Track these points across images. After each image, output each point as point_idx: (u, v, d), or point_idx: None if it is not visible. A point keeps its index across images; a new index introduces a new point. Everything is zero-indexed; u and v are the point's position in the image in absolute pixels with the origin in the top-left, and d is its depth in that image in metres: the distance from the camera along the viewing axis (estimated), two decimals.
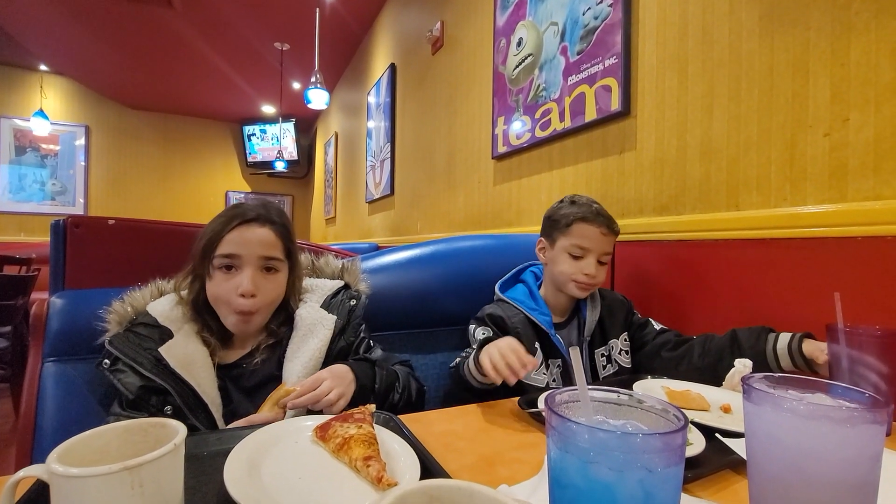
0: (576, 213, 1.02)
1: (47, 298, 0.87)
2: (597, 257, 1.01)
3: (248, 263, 0.76)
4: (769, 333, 0.88)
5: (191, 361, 0.74)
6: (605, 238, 1.01)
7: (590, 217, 1.01)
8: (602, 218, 1.01)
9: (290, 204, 7.52)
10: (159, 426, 0.41)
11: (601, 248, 1.01)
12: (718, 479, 0.54)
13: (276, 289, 0.80)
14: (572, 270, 1.01)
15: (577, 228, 1.01)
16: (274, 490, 0.46)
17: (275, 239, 0.79)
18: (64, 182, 6.00)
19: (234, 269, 0.76)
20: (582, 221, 1.01)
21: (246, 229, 0.77)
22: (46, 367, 0.83)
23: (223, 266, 0.76)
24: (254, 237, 0.77)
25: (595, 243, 1.00)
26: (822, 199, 0.90)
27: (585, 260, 1.00)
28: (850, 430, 0.34)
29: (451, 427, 0.70)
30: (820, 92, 0.91)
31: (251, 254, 0.76)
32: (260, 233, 0.78)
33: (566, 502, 0.31)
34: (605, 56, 1.40)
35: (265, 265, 0.78)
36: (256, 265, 0.77)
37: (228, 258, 0.76)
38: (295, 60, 4.81)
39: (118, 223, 1.06)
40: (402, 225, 3.26)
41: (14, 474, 0.36)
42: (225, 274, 0.76)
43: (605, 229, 1.01)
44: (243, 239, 0.76)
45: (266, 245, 0.78)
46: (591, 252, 1.00)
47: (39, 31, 4.40)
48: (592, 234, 1.00)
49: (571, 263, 1.01)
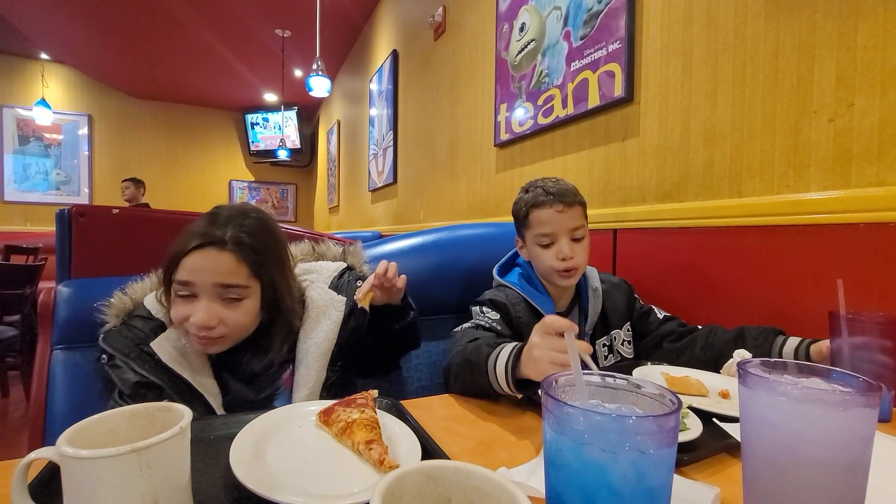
0: (526, 201, 0.96)
1: (54, 287, 0.89)
2: (567, 236, 0.94)
3: (204, 293, 0.69)
4: (778, 335, 0.85)
5: (184, 354, 0.73)
6: (565, 214, 0.93)
7: (539, 201, 0.94)
8: (551, 196, 0.93)
9: (294, 192, 7.53)
10: (166, 410, 0.42)
11: (566, 225, 0.93)
12: (714, 462, 0.55)
13: (242, 317, 0.72)
14: (549, 260, 0.95)
15: (533, 217, 0.96)
16: (278, 472, 0.47)
17: (235, 264, 0.70)
18: (68, 171, 6.03)
19: (192, 296, 0.70)
20: (534, 208, 0.95)
21: (203, 254, 0.69)
22: (55, 354, 0.84)
23: (179, 293, 0.70)
24: (210, 264, 0.69)
25: (556, 225, 0.93)
26: (826, 186, 0.90)
27: (556, 245, 0.94)
28: (843, 414, 0.35)
29: (451, 412, 0.71)
30: (825, 76, 0.90)
31: (205, 282, 0.69)
32: (218, 259, 0.69)
33: (561, 483, 0.32)
34: (608, 41, 1.38)
35: (224, 295, 0.70)
36: (213, 294, 0.69)
37: (183, 286, 0.69)
38: (296, 47, 4.77)
39: (122, 212, 1.06)
40: (405, 213, 3.26)
41: (26, 456, 0.37)
42: (183, 301, 0.70)
43: (560, 205, 0.93)
44: (198, 266, 0.69)
45: (223, 273, 0.69)
46: (557, 235, 0.94)
47: (39, 18, 4.38)
48: (549, 216, 0.93)
49: (545, 254, 0.95)
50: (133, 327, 0.75)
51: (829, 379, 0.41)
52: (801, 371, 0.43)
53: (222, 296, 0.70)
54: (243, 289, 0.71)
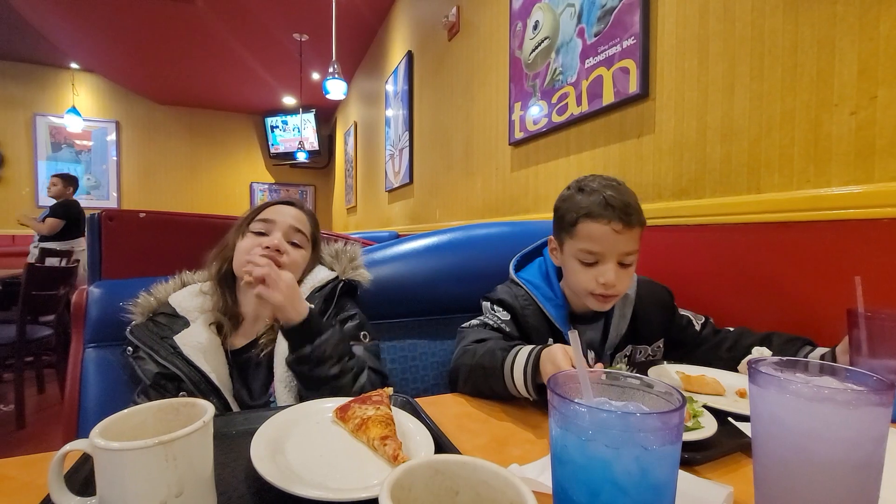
0: (580, 206, 0.80)
1: (86, 288, 0.93)
2: (615, 260, 0.79)
3: (279, 229, 0.87)
4: (806, 345, 0.81)
5: (204, 349, 0.78)
6: (622, 236, 0.78)
7: (596, 212, 0.78)
8: (613, 210, 0.77)
9: (312, 193, 7.64)
10: (190, 405, 0.44)
11: (617, 248, 0.79)
12: (729, 462, 0.55)
13: (299, 259, 0.89)
14: (586, 281, 0.81)
15: (582, 228, 0.80)
16: (297, 466, 0.49)
17: (304, 219, 0.92)
18: (97, 177, 6.25)
19: (265, 234, 0.86)
20: (587, 219, 0.79)
21: (286, 207, 0.91)
22: (87, 352, 0.89)
23: (257, 231, 0.86)
24: (289, 212, 0.90)
25: (608, 245, 0.78)
26: (848, 181, 0.88)
27: (600, 266, 0.80)
28: (854, 412, 0.34)
29: (465, 410, 0.72)
30: (847, 68, 0.87)
31: (283, 222, 0.87)
32: (295, 212, 0.91)
33: (566, 478, 0.32)
34: (623, 37, 1.37)
35: (293, 237, 0.88)
36: (286, 233, 0.87)
37: (263, 222, 0.87)
38: (314, 51, 4.84)
39: (148, 216, 1.11)
40: (422, 213, 3.28)
41: (62, 448, 0.40)
42: (255, 236, 0.86)
43: (620, 224, 0.77)
44: (282, 211, 0.89)
45: (297, 219, 0.90)
46: (605, 256, 0.79)
47: (70, 29, 4.55)
48: (602, 234, 0.78)
49: (584, 272, 0.81)
50: (158, 322, 0.81)
51: (843, 378, 0.40)
52: (815, 370, 0.42)
53: (290, 237, 0.88)
54: (305, 238, 0.90)
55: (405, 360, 1.10)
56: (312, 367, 0.73)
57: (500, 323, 0.89)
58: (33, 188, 5.88)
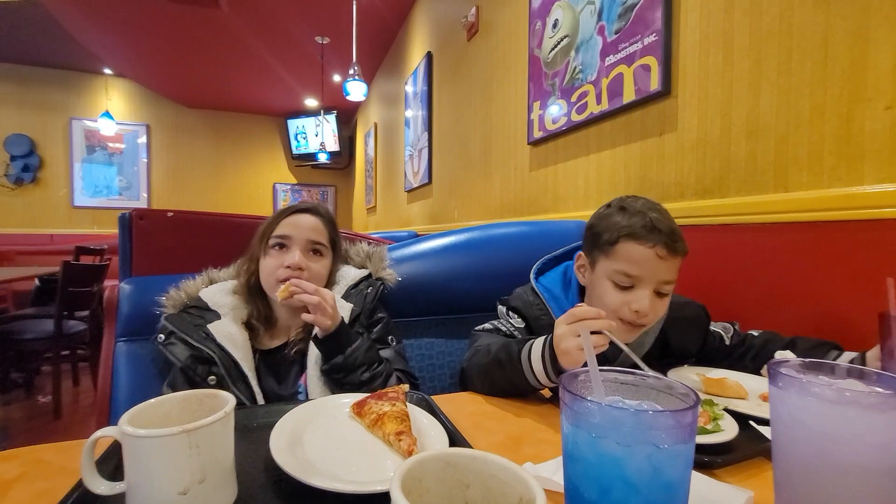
0: (622, 226, 0.76)
1: (117, 285, 0.97)
2: (653, 288, 0.75)
3: (297, 244, 0.87)
4: (832, 349, 0.79)
5: (233, 341, 0.82)
6: (664, 263, 0.74)
7: (640, 234, 0.74)
8: (658, 234, 0.73)
9: (333, 194, 7.75)
10: (212, 396, 0.46)
11: (657, 275, 0.74)
12: (750, 466, 0.54)
13: (321, 269, 0.90)
14: (618, 305, 0.76)
15: (622, 249, 0.75)
16: (314, 458, 0.50)
17: (321, 227, 0.91)
18: (129, 178, 6.49)
19: (285, 248, 0.87)
20: (629, 239, 0.74)
21: (298, 216, 0.91)
22: (119, 346, 0.92)
23: (276, 245, 0.87)
24: (304, 222, 0.90)
25: (648, 269, 0.74)
26: (882, 178, 0.84)
27: (636, 291, 0.75)
28: (880, 416, 0.33)
29: (481, 408, 0.72)
30: (882, 60, 0.84)
31: (301, 236, 0.88)
32: (309, 219, 0.91)
33: (578, 475, 0.32)
34: (644, 34, 1.35)
35: (312, 248, 0.89)
36: (304, 247, 0.88)
37: (281, 238, 0.88)
38: (335, 53, 4.91)
39: (176, 215, 1.14)
40: (441, 213, 3.29)
41: (92, 434, 0.42)
42: (277, 252, 0.87)
43: (664, 250, 0.73)
44: (295, 223, 0.89)
45: (314, 230, 0.90)
46: (642, 281, 0.75)
47: (103, 36, 4.74)
48: (644, 257, 0.74)
49: (617, 295, 0.76)
50: (191, 314, 0.85)
51: (871, 381, 0.39)
52: (842, 373, 0.41)
53: (309, 249, 0.89)
54: (324, 247, 0.91)
55: (423, 359, 1.11)
56: (346, 374, 0.79)
57: (514, 330, 0.89)
58: (69, 189, 6.14)
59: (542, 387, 0.73)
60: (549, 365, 0.68)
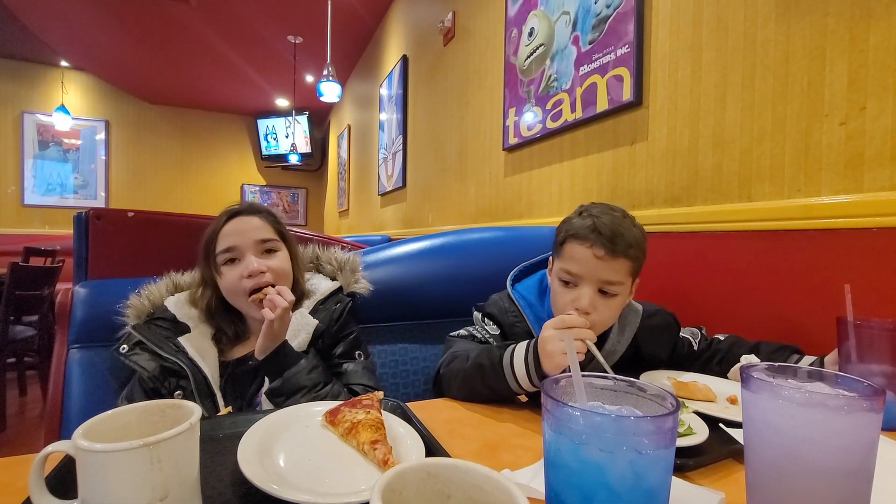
0: (569, 227, 0.80)
1: (71, 288, 0.91)
2: (595, 287, 0.77)
3: (247, 249, 0.82)
4: (794, 353, 0.83)
5: (203, 356, 0.79)
6: (603, 263, 0.75)
7: (582, 234, 0.77)
8: (598, 235, 0.75)
9: (304, 196, 7.60)
10: (176, 407, 0.43)
11: (597, 274, 0.76)
12: (720, 468, 0.55)
13: (282, 263, 0.85)
14: (563, 303, 0.79)
15: (567, 248, 0.79)
16: (285, 471, 0.48)
17: (264, 224, 0.85)
18: (85, 176, 6.16)
19: (237, 259, 0.81)
20: (572, 239, 0.78)
21: (237, 221, 0.83)
22: (71, 353, 0.87)
23: (226, 260, 0.81)
24: (245, 226, 0.83)
25: (587, 269, 0.76)
26: (837, 190, 0.89)
27: (578, 289, 0.77)
28: (845, 418, 0.34)
29: (456, 414, 0.71)
30: (837, 79, 0.89)
31: (247, 241, 0.82)
32: (250, 221, 0.84)
33: (560, 482, 0.32)
34: (617, 45, 1.38)
35: (263, 248, 0.83)
36: (255, 250, 0.82)
37: (228, 251, 0.81)
38: (308, 53, 4.83)
39: (137, 215, 1.09)
40: (415, 217, 3.27)
41: (43, 449, 0.38)
42: (230, 266, 0.81)
43: (602, 250, 0.75)
44: (236, 230, 0.82)
45: (258, 230, 0.83)
46: (583, 279, 0.77)
47: (60, 27, 4.50)
48: (582, 255, 0.76)
49: (563, 293, 0.79)
50: (160, 326, 0.81)
51: (835, 384, 0.41)
52: (805, 376, 0.42)
53: (261, 249, 0.83)
54: (276, 241, 0.85)
55: (396, 365, 1.09)
56: (286, 398, 0.75)
57: (489, 337, 0.89)
58: (19, 187, 5.78)
59: (521, 391, 0.73)
60: (533, 369, 0.69)
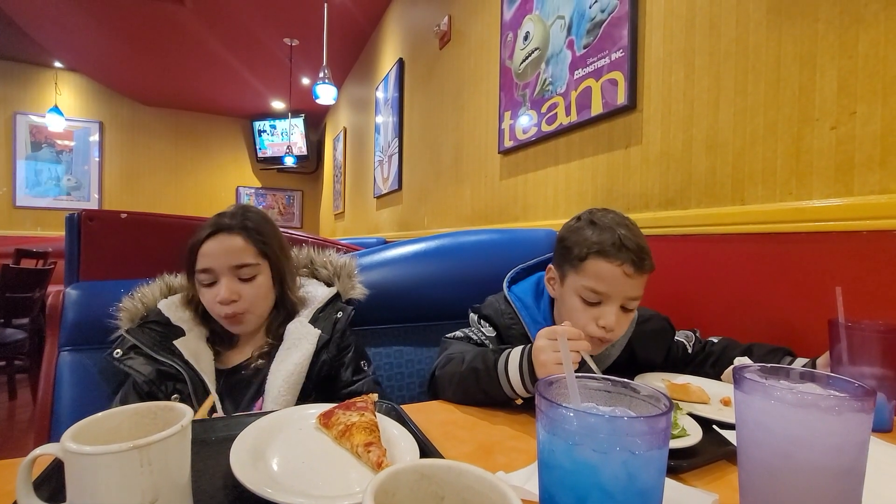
0: (592, 242, 0.76)
1: (62, 290, 0.90)
2: (619, 304, 0.75)
3: (223, 274, 0.80)
4: (786, 355, 0.83)
5: (199, 359, 0.79)
6: (632, 281, 0.74)
7: (609, 251, 0.74)
8: (627, 252, 0.73)
9: (300, 199, 7.58)
10: (168, 409, 0.43)
11: (624, 292, 0.75)
12: (714, 469, 0.55)
13: (257, 292, 0.82)
14: (585, 321, 0.76)
15: (591, 266, 0.75)
16: (278, 474, 0.48)
17: (243, 244, 0.81)
18: (79, 177, 6.12)
19: (214, 282, 0.80)
20: (598, 256, 0.75)
21: (217, 240, 0.80)
22: (62, 356, 0.86)
23: (203, 282, 0.81)
24: (221, 248, 0.80)
25: (615, 287, 0.74)
26: (828, 194, 0.90)
27: (602, 308, 0.76)
28: (837, 418, 0.35)
29: (451, 417, 0.71)
30: (827, 85, 0.90)
31: (222, 265, 0.80)
32: (228, 242, 0.80)
33: (553, 483, 0.32)
34: (611, 50, 1.39)
35: (239, 275, 0.81)
36: (231, 274, 0.80)
37: (205, 273, 0.80)
38: (304, 56, 4.83)
39: (130, 217, 1.08)
40: (410, 220, 3.27)
41: (31, 452, 0.38)
42: (207, 287, 0.81)
43: (631, 268, 0.73)
44: (212, 252, 0.80)
45: (233, 253, 0.80)
46: (610, 298, 0.75)
47: (54, 27, 4.47)
48: (612, 275, 0.74)
49: (584, 311, 0.77)
50: (153, 329, 0.80)
51: (826, 385, 0.41)
52: (797, 377, 0.43)
53: (238, 275, 0.80)
54: (254, 266, 0.82)
55: (391, 367, 1.09)
56: None
57: (485, 339, 0.88)
58: (11, 188, 5.73)
59: (516, 396, 0.73)
60: (528, 375, 0.69)
